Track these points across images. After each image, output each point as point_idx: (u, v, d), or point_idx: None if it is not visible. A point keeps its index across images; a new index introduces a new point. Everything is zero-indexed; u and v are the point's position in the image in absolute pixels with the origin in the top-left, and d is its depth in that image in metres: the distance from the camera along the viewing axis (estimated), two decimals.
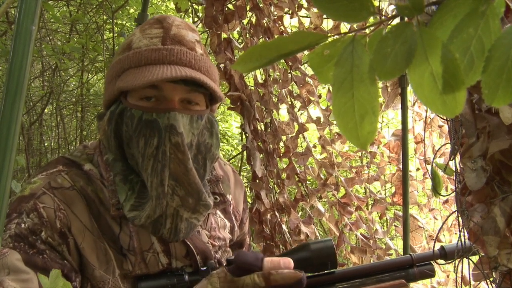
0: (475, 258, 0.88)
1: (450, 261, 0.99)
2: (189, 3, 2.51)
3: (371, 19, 0.39)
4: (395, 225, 2.26)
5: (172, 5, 4.13)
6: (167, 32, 0.97)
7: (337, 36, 0.38)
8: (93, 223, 0.98)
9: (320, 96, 2.31)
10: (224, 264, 1.10)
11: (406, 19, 0.37)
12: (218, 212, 1.15)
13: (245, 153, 2.72)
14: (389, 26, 0.37)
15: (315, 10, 2.16)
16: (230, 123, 5.17)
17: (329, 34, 0.38)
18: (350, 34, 0.37)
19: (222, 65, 2.17)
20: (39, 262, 0.90)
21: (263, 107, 2.27)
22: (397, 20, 0.39)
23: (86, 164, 1.03)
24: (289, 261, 0.86)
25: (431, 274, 0.96)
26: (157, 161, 0.93)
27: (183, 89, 0.95)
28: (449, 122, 0.90)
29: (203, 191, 0.97)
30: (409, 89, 2.03)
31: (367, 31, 0.38)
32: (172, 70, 0.91)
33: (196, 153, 0.98)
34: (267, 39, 2.20)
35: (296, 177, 2.25)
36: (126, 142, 0.97)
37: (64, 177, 1.00)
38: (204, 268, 1.00)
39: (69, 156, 1.06)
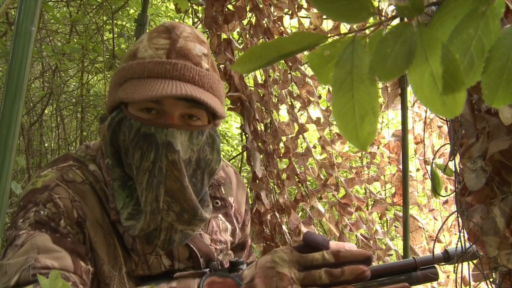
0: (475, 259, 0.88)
1: (451, 261, 0.98)
2: (189, 4, 2.51)
3: (371, 20, 0.39)
4: (395, 226, 2.26)
5: (172, 6, 4.14)
6: (173, 44, 0.95)
7: (337, 37, 0.38)
8: (104, 217, 0.97)
9: (320, 97, 2.31)
10: (227, 266, 1.10)
11: (406, 19, 0.37)
12: (220, 215, 1.15)
13: (245, 153, 2.72)
14: (389, 27, 0.37)
15: (315, 10, 2.16)
16: (230, 124, 5.17)
17: (329, 35, 0.38)
18: (350, 35, 0.37)
19: (222, 66, 2.17)
20: (68, 244, 0.90)
21: (263, 108, 2.27)
22: (397, 21, 0.39)
23: (90, 164, 1.02)
24: (353, 245, 0.84)
25: (434, 277, 0.95)
26: (152, 176, 0.92)
27: (184, 105, 0.94)
28: (448, 122, 0.90)
29: (199, 208, 0.96)
30: (409, 89, 2.03)
31: (367, 31, 0.38)
32: (173, 87, 0.90)
33: (195, 168, 0.97)
34: (267, 39, 2.20)
35: (296, 177, 2.25)
36: (124, 151, 0.96)
37: (75, 171, 0.99)
38: (207, 270, 1.00)
39: (75, 155, 1.05)
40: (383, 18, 0.38)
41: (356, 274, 0.78)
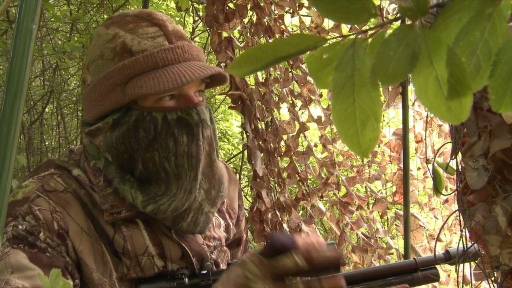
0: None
1: (452, 261, 0.98)
2: (190, 2, 2.50)
3: (373, 20, 0.38)
4: (396, 224, 2.26)
5: (172, 4, 4.13)
6: (165, 29, 0.95)
7: (337, 39, 0.37)
8: (89, 225, 0.96)
9: (321, 95, 2.31)
10: (222, 263, 1.09)
11: (408, 21, 0.36)
12: None
13: (245, 152, 2.72)
14: (392, 27, 0.37)
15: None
16: (231, 122, 5.17)
17: (330, 34, 0.38)
18: (351, 37, 0.36)
19: (223, 64, 2.17)
20: (44, 259, 0.88)
21: (264, 106, 2.27)
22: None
23: (74, 169, 1.00)
24: (318, 237, 0.81)
25: (435, 278, 0.95)
26: (190, 157, 0.93)
27: (197, 83, 0.96)
28: None
29: (223, 182, 0.99)
30: (410, 87, 2.02)
31: (368, 32, 0.37)
32: (196, 69, 0.92)
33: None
34: (268, 38, 2.19)
35: (297, 176, 2.25)
36: (145, 147, 0.94)
37: (56, 180, 0.97)
38: (204, 272, 0.99)
39: (57, 161, 1.03)
40: (385, 19, 0.37)
41: None
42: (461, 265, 0.92)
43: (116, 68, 0.94)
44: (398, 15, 0.38)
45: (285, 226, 2.22)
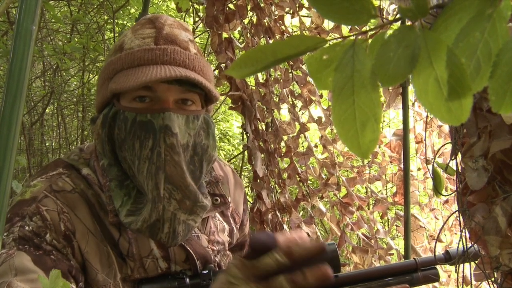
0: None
1: (452, 261, 0.98)
2: (190, 3, 2.50)
3: (373, 20, 0.38)
4: (396, 225, 2.26)
5: (173, 5, 4.13)
6: (159, 32, 0.95)
7: (337, 40, 0.37)
8: (96, 226, 0.96)
9: (321, 96, 2.31)
10: (225, 267, 1.09)
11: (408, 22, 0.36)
12: (217, 215, 1.13)
13: (246, 153, 2.72)
14: (392, 28, 0.36)
15: None
16: (231, 123, 5.17)
17: (330, 34, 0.38)
18: (351, 38, 0.36)
19: (223, 65, 2.17)
20: (48, 262, 0.88)
21: (264, 107, 2.27)
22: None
23: (84, 168, 1.01)
24: (302, 232, 0.76)
25: (435, 278, 0.95)
26: (151, 163, 0.91)
27: (177, 89, 0.93)
28: None
29: (199, 193, 0.94)
30: (410, 88, 2.02)
31: (368, 33, 0.37)
32: (166, 70, 0.89)
33: (192, 154, 0.96)
34: (268, 38, 2.20)
35: (297, 177, 2.25)
36: (119, 145, 0.95)
37: (65, 180, 0.98)
38: (206, 272, 0.99)
39: (67, 159, 1.03)
40: (385, 20, 0.37)
41: (320, 280, 0.71)
42: (461, 265, 0.92)
43: (107, 63, 0.97)
44: (398, 16, 0.37)
45: (285, 226, 2.22)
